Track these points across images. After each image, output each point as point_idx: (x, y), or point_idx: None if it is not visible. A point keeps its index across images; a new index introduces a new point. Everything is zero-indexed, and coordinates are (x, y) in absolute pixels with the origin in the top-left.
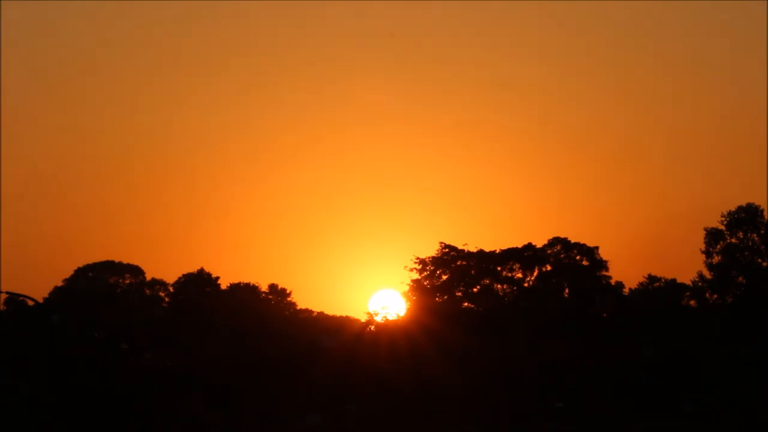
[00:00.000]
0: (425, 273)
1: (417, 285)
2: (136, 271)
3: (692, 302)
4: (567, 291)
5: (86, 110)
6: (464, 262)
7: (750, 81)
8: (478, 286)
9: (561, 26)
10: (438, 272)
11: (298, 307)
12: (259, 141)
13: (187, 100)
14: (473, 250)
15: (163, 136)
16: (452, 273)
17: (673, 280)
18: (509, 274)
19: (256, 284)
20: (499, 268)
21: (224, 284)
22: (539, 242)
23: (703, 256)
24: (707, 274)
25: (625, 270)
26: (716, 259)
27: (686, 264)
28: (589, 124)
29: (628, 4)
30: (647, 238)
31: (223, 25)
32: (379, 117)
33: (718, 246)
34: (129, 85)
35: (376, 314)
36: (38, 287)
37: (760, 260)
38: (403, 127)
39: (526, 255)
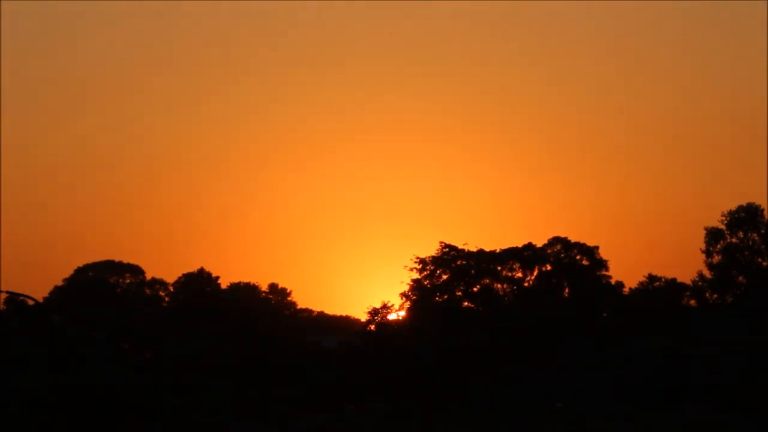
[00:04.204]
0: (425, 273)
1: (417, 285)
2: (136, 270)
3: (692, 302)
4: (567, 291)
5: (86, 110)
6: (464, 262)
7: (750, 81)
8: (478, 286)
9: (562, 27)
10: (438, 272)
11: (298, 307)
12: (258, 141)
13: (188, 101)
14: (473, 249)
15: (163, 136)
16: (452, 273)
17: (673, 280)
18: (509, 274)
19: (256, 284)
20: (499, 268)
21: (224, 284)
22: (539, 242)
23: (703, 256)
24: (707, 274)
25: (625, 270)
26: (716, 258)
27: (686, 264)
28: (590, 124)
29: (628, 5)
30: (647, 238)
31: (224, 25)
32: (379, 117)
33: (719, 246)
34: (130, 85)
35: (377, 314)
36: (38, 287)
37: (760, 260)
38: (403, 127)
39: (526, 255)
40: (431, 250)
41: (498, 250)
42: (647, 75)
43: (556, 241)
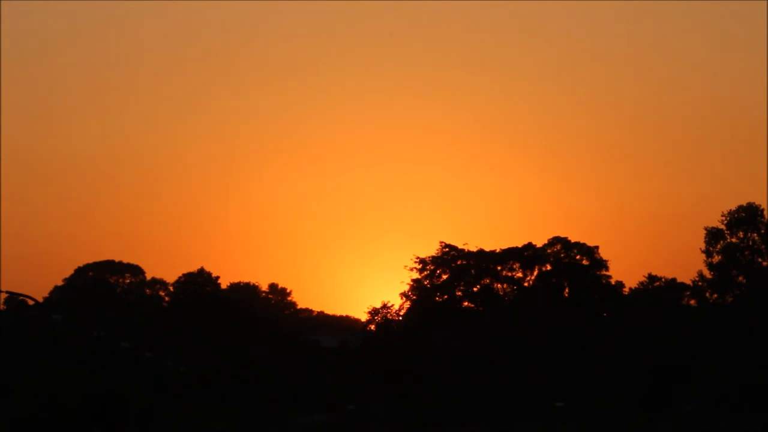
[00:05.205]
0: (425, 272)
1: (417, 285)
2: (136, 270)
3: (692, 302)
4: (567, 291)
5: (86, 110)
6: (464, 262)
7: (750, 81)
8: (478, 286)
9: (561, 27)
10: (438, 272)
11: (298, 307)
12: (258, 141)
13: (188, 101)
14: (473, 249)
15: (163, 137)
16: (452, 272)
17: (673, 280)
18: (509, 274)
19: (256, 284)
20: (499, 268)
21: (224, 284)
22: (539, 242)
23: (703, 256)
24: (707, 274)
25: (625, 270)
26: (716, 258)
27: (686, 264)
28: (590, 124)
29: (629, 4)
30: (647, 238)
31: (224, 25)
32: (379, 117)
33: (719, 245)
34: (130, 85)
35: (377, 314)
36: (38, 287)
37: (760, 260)
38: (403, 127)
39: (526, 254)
40: (431, 250)
41: (498, 250)
42: (647, 75)
43: (556, 241)
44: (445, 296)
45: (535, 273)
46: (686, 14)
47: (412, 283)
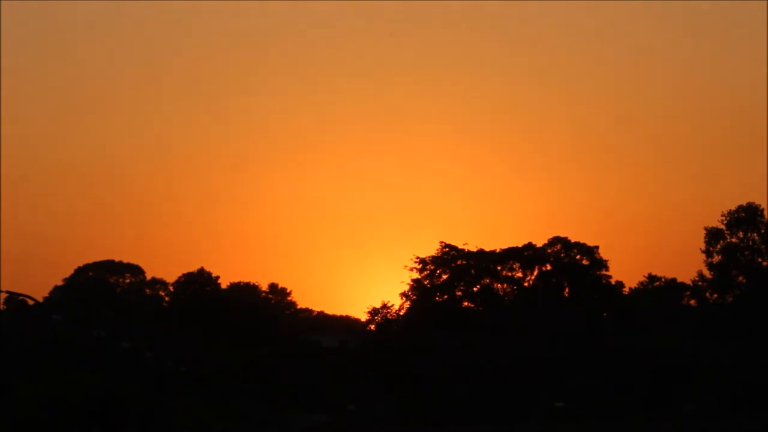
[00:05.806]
0: (425, 272)
1: (417, 285)
2: (136, 270)
3: (692, 302)
4: (567, 291)
5: (86, 110)
6: (464, 262)
7: (750, 81)
8: (478, 286)
9: (561, 27)
10: (438, 272)
11: (298, 307)
12: (258, 141)
13: (188, 101)
14: (473, 249)
15: (163, 137)
16: (452, 272)
17: (673, 280)
18: (509, 274)
19: (257, 283)
20: (499, 268)
21: (224, 284)
22: (539, 242)
23: (703, 256)
24: (707, 274)
25: (625, 270)
26: (716, 258)
27: (686, 263)
28: (589, 124)
29: (628, 5)
30: (647, 238)
31: (223, 27)
32: (379, 117)
33: (719, 245)
34: (130, 85)
35: (377, 314)
36: (38, 287)
37: (760, 260)
38: (403, 127)
39: (526, 254)
40: (431, 250)
41: (498, 250)
42: (647, 75)
43: (556, 241)
44: (445, 296)
45: (535, 273)
46: (686, 14)
47: (412, 283)
